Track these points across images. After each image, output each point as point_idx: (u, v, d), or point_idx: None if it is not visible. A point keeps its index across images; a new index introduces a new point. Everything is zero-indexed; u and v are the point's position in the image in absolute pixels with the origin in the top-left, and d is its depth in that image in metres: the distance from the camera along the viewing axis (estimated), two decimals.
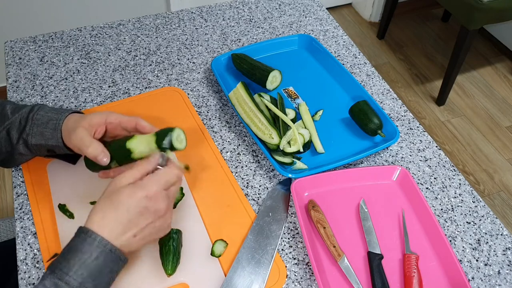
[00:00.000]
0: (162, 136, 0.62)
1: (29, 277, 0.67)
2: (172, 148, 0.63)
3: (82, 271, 0.53)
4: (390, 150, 0.88)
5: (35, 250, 0.70)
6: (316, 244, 0.72)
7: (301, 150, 0.82)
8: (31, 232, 0.72)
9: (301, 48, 1.07)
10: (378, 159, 0.86)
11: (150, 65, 1.02)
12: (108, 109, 0.90)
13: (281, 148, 0.80)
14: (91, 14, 2.00)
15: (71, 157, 0.77)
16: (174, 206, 0.75)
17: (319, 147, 0.85)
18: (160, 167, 0.62)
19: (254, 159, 0.85)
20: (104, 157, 0.65)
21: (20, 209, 0.75)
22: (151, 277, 0.66)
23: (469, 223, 0.78)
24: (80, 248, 0.55)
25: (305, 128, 0.87)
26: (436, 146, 0.89)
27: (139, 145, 0.64)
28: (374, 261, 0.70)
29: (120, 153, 0.65)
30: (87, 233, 0.55)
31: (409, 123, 0.93)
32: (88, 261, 0.54)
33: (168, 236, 0.67)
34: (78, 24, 1.20)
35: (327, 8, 1.49)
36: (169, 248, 0.66)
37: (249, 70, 0.94)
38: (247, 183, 0.81)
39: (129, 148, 0.64)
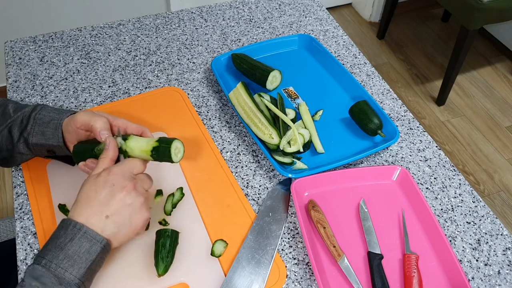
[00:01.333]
0: (161, 149, 0.64)
1: None
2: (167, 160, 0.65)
3: (58, 254, 0.56)
4: (390, 150, 0.88)
5: (35, 250, 0.70)
6: (316, 244, 0.72)
7: (301, 150, 0.82)
8: (31, 232, 0.72)
9: (301, 48, 1.07)
10: (378, 159, 0.86)
11: (150, 65, 1.02)
12: (108, 108, 0.90)
13: (281, 148, 0.80)
14: (91, 14, 2.00)
15: (71, 158, 0.78)
16: (174, 206, 0.75)
17: (319, 147, 0.85)
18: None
19: (254, 159, 0.85)
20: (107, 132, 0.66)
21: (20, 209, 0.75)
22: (151, 277, 0.66)
23: (469, 223, 0.78)
24: (57, 235, 0.58)
25: (305, 128, 0.87)
26: (436, 146, 0.89)
27: (136, 145, 0.65)
28: (374, 261, 0.70)
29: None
30: (64, 221, 0.58)
31: (409, 123, 0.93)
32: (62, 244, 0.56)
33: (162, 236, 0.67)
34: (78, 24, 1.20)
35: (327, 8, 1.49)
36: (161, 249, 0.66)
37: (249, 70, 0.94)
38: (247, 183, 0.81)
39: (127, 146, 0.65)
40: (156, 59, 1.03)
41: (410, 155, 0.87)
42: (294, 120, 0.89)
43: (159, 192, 0.76)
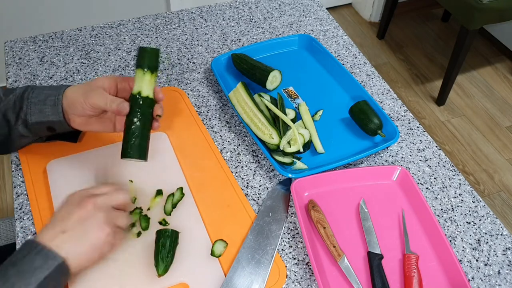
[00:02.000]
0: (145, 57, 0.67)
1: None
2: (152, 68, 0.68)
3: (12, 271, 0.54)
4: (390, 150, 0.88)
5: None
6: (316, 244, 0.72)
7: (301, 150, 0.82)
8: (31, 232, 0.72)
9: (301, 48, 1.07)
10: (378, 159, 0.86)
11: None
12: None
13: (281, 148, 0.80)
14: (91, 14, 2.00)
15: (72, 135, 0.77)
16: (174, 206, 0.75)
17: (319, 147, 0.85)
18: None
19: (254, 159, 0.85)
20: (125, 104, 0.67)
21: (20, 209, 0.75)
22: (151, 277, 0.66)
23: (469, 223, 0.78)
24: (15, 253, 0.57)
25: (305, 128, 0.87)
26: (436, 146, 0.89)
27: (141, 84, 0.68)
28: (374, 261, 0.70)
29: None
30: (28, 241, 0.58)
31: (409, 123, 0.93)
32: (16, 260, 0.55)
33: (162, 236, 0.67)
34: (78, 24, 1.20)
35: (327, 8, 1.49)
36: (161, 249, 0.66)
37: (249, 70, 0.94)
38: (247, 183, 0.81)
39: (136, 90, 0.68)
40: None
41: (410, 155, 0.87)
42: (294, 120, 0.89)
43: (159, 192, 0.76)
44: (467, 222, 0.78)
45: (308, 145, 0.85)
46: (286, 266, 0.70)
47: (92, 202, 0.60)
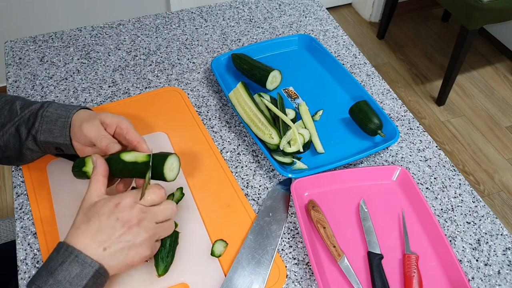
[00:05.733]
0: (155, 164, 0.63)
1: (29, 277, 0.67)
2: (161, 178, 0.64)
3: (47, 279, 0.54)
4: (390, 150, 0.88)
5: (35, 250, 0.70)
6: (316, 244, 0.72)
7: (301, 150, 0.82)
8: (31, 232, 0.72)
9: (301, 48, 1.07)
10: (378, 159, 0.86)
11: (150, 65, 1.02)
12: (108, 109, 0.90)
13: (281, 148, 0.80)
14: (91, 14, 2.00)
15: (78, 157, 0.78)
16: None
17: (319, 147, 0.85)
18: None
19: (254, 159, 0.85)
20: (116, 146, 0.66)
21: (20, 209, 0.75)
22: (151, 277, 0.66)
23: (469, 223, 0.78)
24: (50, 258, 0.56)
25: (305, 128, 0.87)
26: (436, 146, 0.89)
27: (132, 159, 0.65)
28: (374, 261, 0.70)
29: (114, 163, 0.66)
30: (59, 244, 0.57)
31: (409, 123, 0.93)
32: (53, 269, 0.55)
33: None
34: (78, 24, 1.20)
35: (327, 8, 1.49)
36: (160, 249, 0.66)
37: (249, 70, 0.94)
38: (247, 183, 0.81)
39: (123, 159, 0.64)
40: (156, 59, 1.03)
41: (410, 155, 0.87)
42: (294, 120, 0.89)
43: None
44: (467, 222, 0.78)
45: (308, 145, 0.85)
46: (286, 266, 0.70)
47: (137, 222, 0.59)
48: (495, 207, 1.84)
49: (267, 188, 0.80)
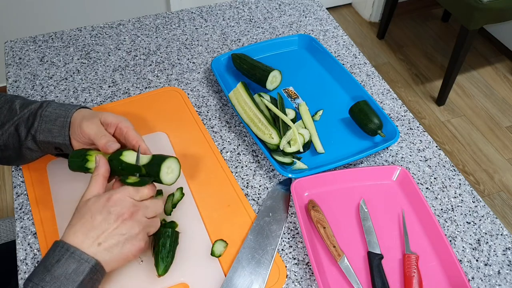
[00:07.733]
0: (153, 167, 0.63)
1: None
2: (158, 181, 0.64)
3: (44, 276, 0.55)
4: (390, 150, 0.88)
5: (35, 250, 0.70)
6: (316, 244, 0.72)
7: (301, 150, 0.82)
8: (31, 232, 0.72)
9: (301, 48, 1.07)
10: (378, 159, 0.86)
11: (150, 65, 1.02)
12: (108, 109, 0.90)
13: (281, 148, 0.80)
14: (91, 14, 2.00)
15: None
16: (174, 206, 0.75)
17: (319, 147, 0.85)
18: None
19: (254, 159, 0.85)
20: (114, 143, 0.66)
21: (20, 209, 0.75)
22: (151, 277, 0.66)
23: (469, 223, 0.78)
24: (46, 256, 0.57)
25: (305, 128, 0.87)
26: (436, 146, 0.89)
27: (130, 160, 0.65)
28: (374, 261, 0.70)
29: (115, 164, 0.66)
30: (55, 242, 0.58)
31: (409, 123, 0.93)
32: (49, 266, 0.55)
33: (162, 236, 0.67)
34: (78, 24, 1.20)
35: (327, 8, 1.49)
36: (161, 249, 0.66)
37: (249, 70, 0.94)
38: (247, 183, 0.81)
39: (124, 161, 0.65)
40: (156, 59, 1.03)
41: (410, 155, 0.87)
42: (294, 120, 0.89)
43: (159, 192, 0.76)
44: (467, 222, 0.78)
45: (308, 145, 0.85)
46: (286, 266, 0.70)
47: (131, 214, 0.60)
48: (495, 207, 1.84)
49: (267, 188, 0.80)
